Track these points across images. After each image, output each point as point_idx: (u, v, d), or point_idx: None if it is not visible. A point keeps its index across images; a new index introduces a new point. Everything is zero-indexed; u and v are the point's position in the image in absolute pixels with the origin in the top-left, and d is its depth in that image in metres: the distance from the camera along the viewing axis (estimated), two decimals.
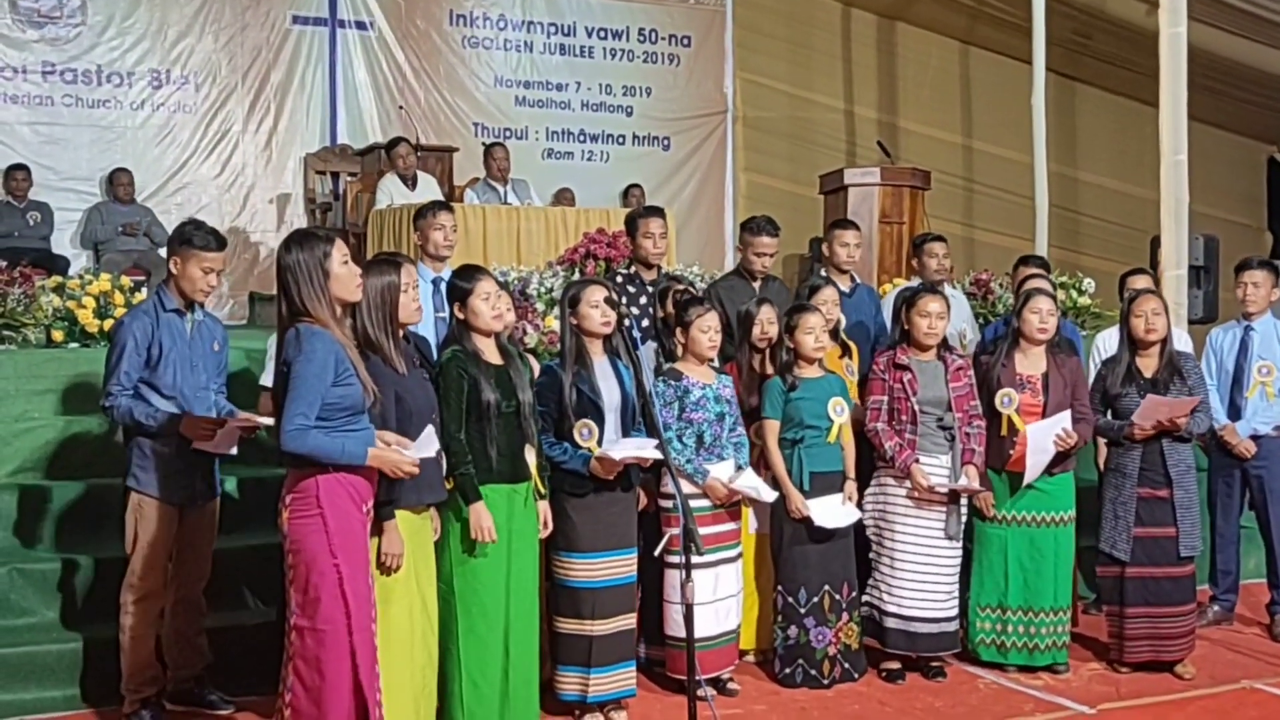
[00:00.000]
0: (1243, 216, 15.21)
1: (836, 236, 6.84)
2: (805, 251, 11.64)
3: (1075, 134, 13.78)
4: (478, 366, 4.69)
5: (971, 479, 5.62)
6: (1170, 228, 8.18)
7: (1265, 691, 5.61)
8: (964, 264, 10.41)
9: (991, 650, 5.79)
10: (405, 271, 4.47)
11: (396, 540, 4.30)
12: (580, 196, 11.18)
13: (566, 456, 5.00)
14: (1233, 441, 6.39)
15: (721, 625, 5.39)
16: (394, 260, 4.53)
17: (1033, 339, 5.77)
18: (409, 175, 9.43)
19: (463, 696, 4.69)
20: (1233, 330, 6.62)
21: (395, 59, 11.45)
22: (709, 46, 12.66)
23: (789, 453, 5.57)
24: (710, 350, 5.42)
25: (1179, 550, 5.71)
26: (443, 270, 6.03)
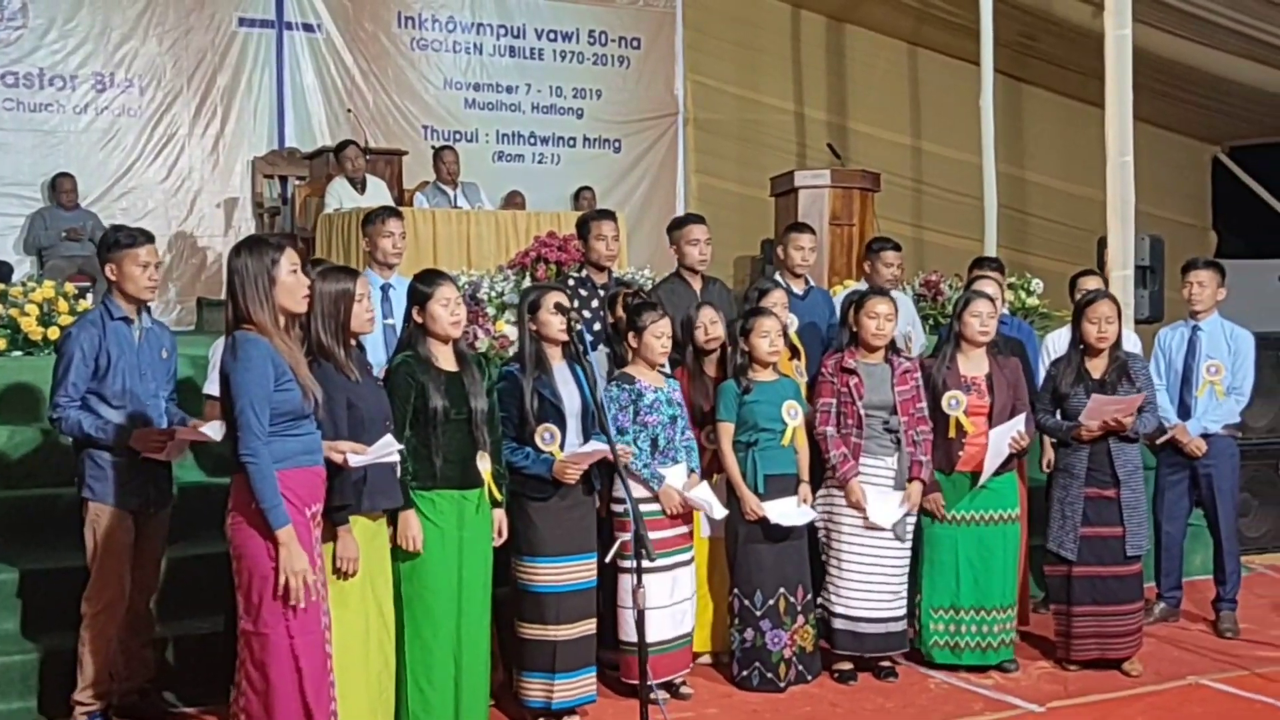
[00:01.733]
0: (1188, 216, 15.39)
1: (792, 240, 6.84)
2: (757, 253, 11.68)
3: (1023, 135, 13.88)
4: (428, 373, 4.68)
5: (913, 498, 5.68)
6: (1116, 228, 8.26)
7: (1210, 687, 5.67)
8: (914, 265, 10.46)
9: (945, 652, 5.82)
10: (360, 282, 4.48)
11: (351, 544, 4.30)
12: (531, 199, 11.15)
13: (529, 461, 4.99)
14: (1184, 441, 6.46)
15: (677, 629, 5.39)
16: (350, 269, 4.59)
17: (974, 341, 5.82)
18: (358, 179, 9.37)
19: (410, 703, 4.68)
20: (1180, 330, 6.69)
21: (343, 61, 11.37)
22: (659, 48, 12.67)
23: (743, 455, 5.58)
24: (662, 355, 5.42)
25: (1125, 550, 5.77)
26: (391, 277, 5.99)
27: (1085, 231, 11.05)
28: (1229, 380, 6.49)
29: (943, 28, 12.45)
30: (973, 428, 5.74)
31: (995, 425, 5.71)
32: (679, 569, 5.40)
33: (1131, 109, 8.19)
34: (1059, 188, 13.60)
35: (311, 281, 4.24)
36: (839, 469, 5.63)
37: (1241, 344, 6.54)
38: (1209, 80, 12.81)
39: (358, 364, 4.44)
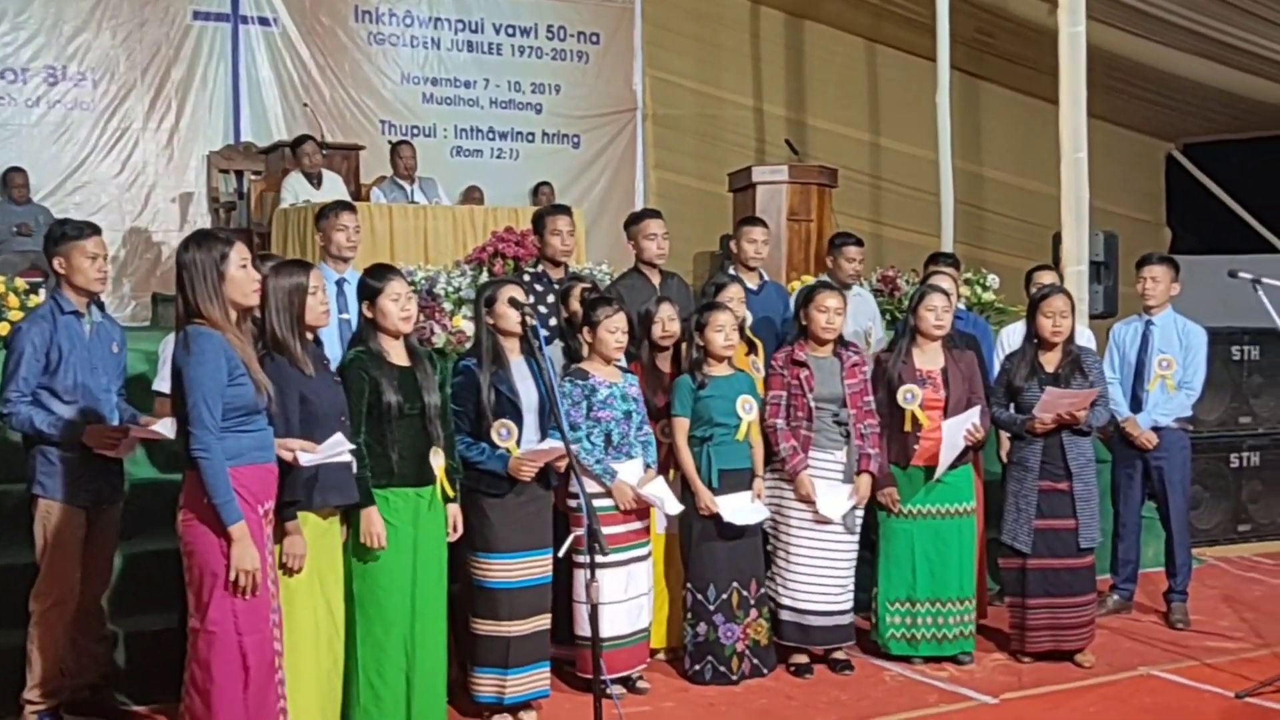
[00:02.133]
0: (1143, 213, 15.56)
1: (744, 234, 6.87)
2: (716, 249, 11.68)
3: (979, 131, 13.98)
4: (380, 368, 4.66)
5: (862, 490, 5.71)
6: (1071, 224, 8.34)
7: (1161, 678, 5.74)
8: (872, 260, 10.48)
9: (902, 644, 5.86)
10: (313, 275, 4.47)
11: (299, 542, 4.27)
12: (490, 194, 11.11)
13: (484, 457, 4.98)
14: (1135, 433, 6.53)
15: (633, 624, 5.39)
16: (304, 262, 4.58)
17: (929, 335, 5.85)
18: (314, 173, 9.31)
19: (361, 700, 4.65)
20: (1134, 325, 6.75)
21: (300, 56, 11.28)
22: (618, 44, 12.66)
23: (698, 450, 5.58)
24: (617, 351, 5.42)
25: (1079, 542, 5.82)
26: (346, 271, 5.96)
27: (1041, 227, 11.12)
28: (1180, 375, 6.55)
29: (900, 24, 12.51)
30: (928, 421, 5.77)
31: (950, 419, 5.75)
32: (635, 564, 5.40)
33: (1085, 106, 8.27)
34: (1015, 184, 13.71)
35: (264, 276, 4.23)
36: (789, 462, 5.65)
37: (1194, 339, 6.61)
38: (1163, 78, 12.95)
39: (313, 358, 4.42)
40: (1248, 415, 8.57)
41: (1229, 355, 8.49)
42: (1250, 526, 8.57)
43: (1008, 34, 12.19)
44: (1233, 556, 8.24)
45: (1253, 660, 5.91)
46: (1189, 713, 5.28)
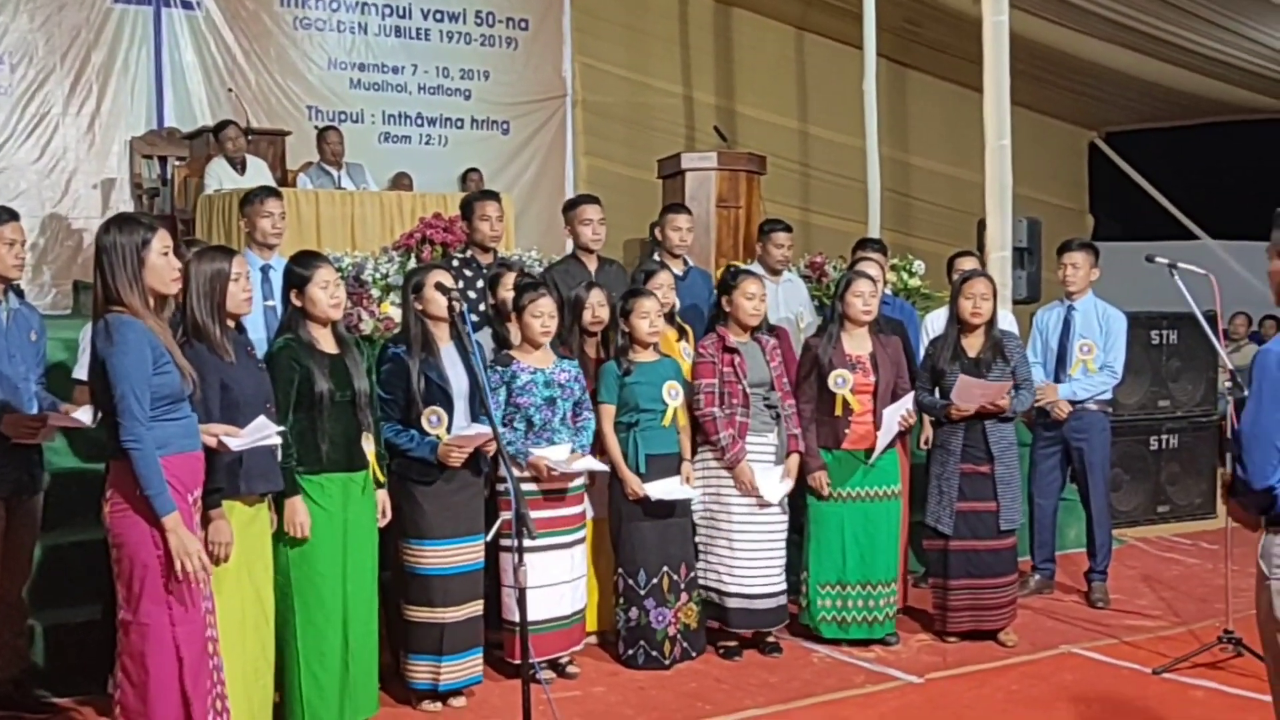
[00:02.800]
0: (1067, 200, 15.79)
1: (669, 221, 6.90)
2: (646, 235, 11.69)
3: (908, 119, 14.09)
4: (310, 356, 4.64)
5: (792, 470, 5.78)
6: (995, 211, 8.45)
7: (1081, 655, 5.86)
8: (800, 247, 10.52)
9: (833, 626, 5.92)
10: (236, 262, 4.43)
11: (224, 529, 4.23)
12: (418, 180, 11.03)
13: (414, 444, 4.98)
14: (1051, 399, 6.61)
15: (561, 609, 5.40)
16: (226, 249, 4.53)
17: (857, 320, 5.91)
18: (238, 159, 9.20)
19: (302, 688, 4.64)
20: (1056, 310, 6.87)
21: (224, 40, 11.12)
22: (547, 30, 12.61)
23: (624, 436, 5.61)
24: (543, 336, 5.41)
25: (999, 524, 5.92)
26: (271, 258, 5.90)
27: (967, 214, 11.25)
28: (1101, 358, 6.68)
29: (829, 13, 12.58)
30: (859, 405, 5.84)
31: (880, 402, 5.81)
32: (561, 550, 5.41)
33: (1009, 94, 8.37)
34: (942, 171, 13.84)
35: (186, 262, 4.18)
36: (729, 451, 5.68)
37: (1114, 323, 6.73)
38: (1085, 67, 13.14)
39: (235, 345, 4.37)
40: (1166, 399, 8.76)
41: (1148, 340, 8.67)
42: (1169, 508, 8.76)
43: (935, 23, 12.30)
44: (1152, 537, 8.43)
45: (1170, 638, 6.05)
46: (1108, 689, 5.39)
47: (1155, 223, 15.03)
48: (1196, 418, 8.81)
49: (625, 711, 5.14)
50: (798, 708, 5.17)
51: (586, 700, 5.27)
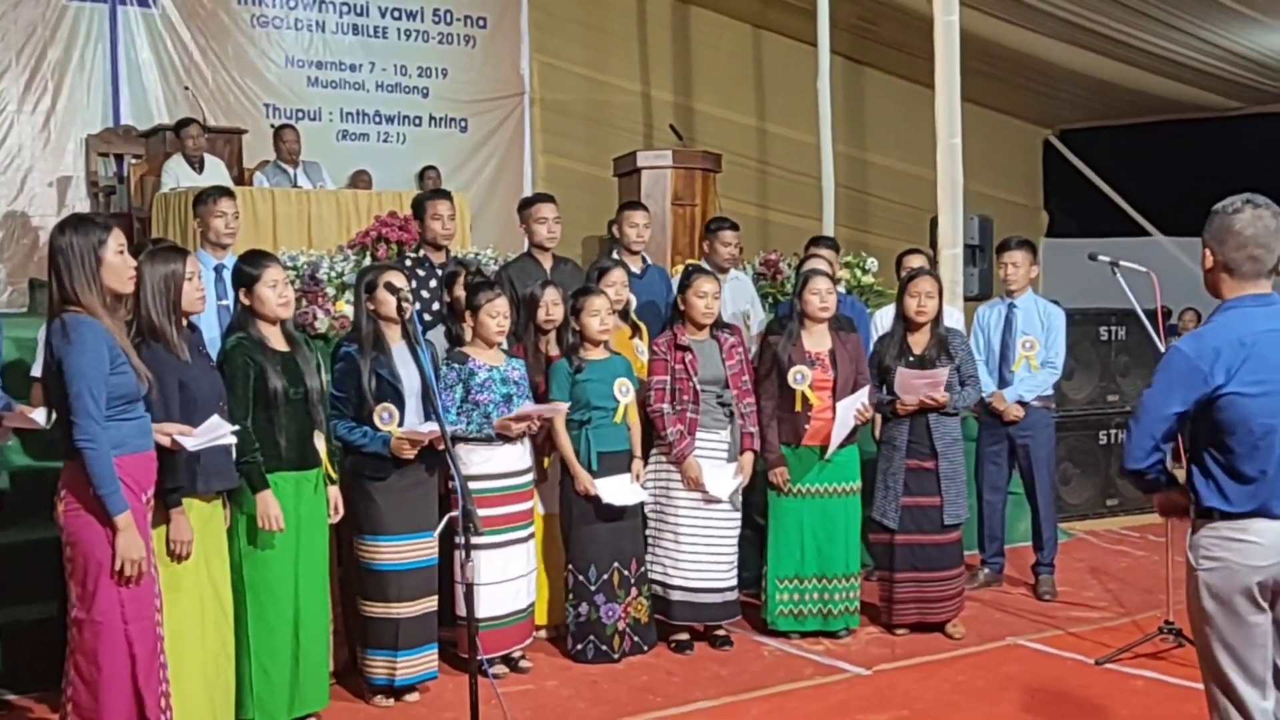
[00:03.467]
0: (1022, 197, 15.96)
1: (626, 218, 6.96)
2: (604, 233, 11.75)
3: (864, 116, 14.21)
4: (264, 353, 4.69)
5: (746, 468, 5.86)
6: (947, 208, 8.55)
7: (1027, 647, 5.97)
8: (757, 244, 10.66)
9: (789, 620, 6.00)
10: (189, 261, 4.45)
11: (185, 527, 4.27)
12: (376, 178, 11.05)
13: (367, 440, 5.03)
14: (1001, 407, 6.74)
15: (513, 604, 5.46)
16: (179, 248, 4.54)
17: (815, 317, 5.99)
18: (196, 158, 9.18)
19: (253, 684, 4.68)
20: (997, 307, 6.98)
21: (180, 38, 11.07)
22: (505, 28, 12.63)
23: (576, 433, 5.67)
24: (498, 335, 5.47)
25: (943, 519, 6.02)
26: (225, 257, 5.92)
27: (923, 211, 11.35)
28: (1043, 354, 6.79)
29: (785, 10, 12.66)
30: (818, 401, 5.92)
31: (839, 399, 5.89)
32: (513, 546, 5.47)
33: (959, 93, 8.47)
34: (898, 168, 13.95)
35: (139, 262, 4.20)
36: (676, 446, 5.75)
37: (1054, 320, 6.85)
38: (1039, 65, 13.28)
39: (188, 344, 4.40)
40: (1115, 393, 8.89)
41: (1097, 336, 8.80)
42: (1118, 501, 8.89)
43: (889, 21, 12.40)
44: (1100, 530, 8.56)
45: (1114, 629, 6.16)
46: (1051, 679, 5.49)
47: (1109, 219, 15.20)
48: None
49: (577, 705, 5.20)
50: (747, 699, 5.25)
51: (539, 694, 5.33)
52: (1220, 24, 11.35)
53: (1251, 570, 3.36)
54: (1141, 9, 11.10)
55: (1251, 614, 3.38)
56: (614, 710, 5.13)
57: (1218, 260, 3.43)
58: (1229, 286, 3.44)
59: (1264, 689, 3.39)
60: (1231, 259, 3.40)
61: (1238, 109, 14.21)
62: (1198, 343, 3.36)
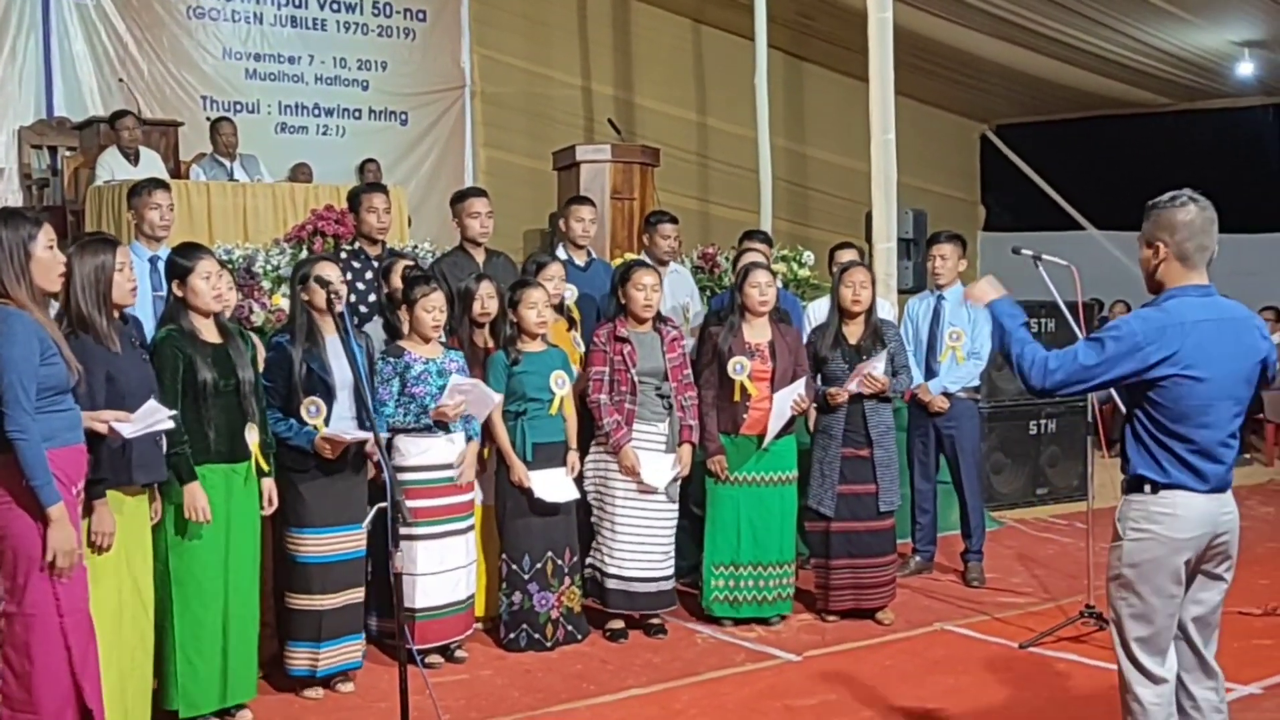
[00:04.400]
0: (959, 191, 16.16)
1: (572, 212, 7.02)
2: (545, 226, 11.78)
3: (803, 111, 14.32)
4: (194, 345, 4.69)
5: (684, 460, 5.94)
6: (881, 202, 8.67)
7: (954, 632, 6.10)
8: (698, 237, 10.73)
9: (725, 606, 6.09)
10: (120, 252, 4.43)
11: (108, 519, 4.25)
12: (316, 171, 10.99)
13: (292, 433, 5.04)
14: (927, 398, 6.87)
15: (451, 595, 5.50)
16: (109, 239, 4.51)
17: (755, 310, 6.08)
18: (132, 150, 9.11)
19: (179, 676, 4.69)
20: (926, 300, 7.11)
21: (115, 29, 10.93)
22: (445, 21, 12.58)
23: (512, 425, 5.72)
24: (434, 329, 5.50)
25: (879, 505, 6.13)
26: (160, 249, 5.90)
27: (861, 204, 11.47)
28: (969, 345, 6.92)
29: (724, 6, 12.73)
30: (756, 391, 6.01)
31: (777, 389, 5.98)
32: (451, 537, 5.51)
33: (893, 89, 8.58)
34: (836, 162, 14.06)
35: (69, 254, 4.20)
36: (612, 436, 5.82)
37: (980, 312, 6.94)
38: (974, 62, 13.45)
39: (120, 336, 4.39)
40: None
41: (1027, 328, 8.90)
42: (1048, 490, 9.08)
43: (826, 16, 12.50)
44: (1030, 519, 8.72)
45: (1038, 614, 6.31)
46: (976, 662, 5.62)
47: (1044, 213, 15.43)
48: (1074, 403, 9.09)
49: (512, 694, 5.25)
50: (680, 686, 5.33)
51: (474, 683, 5.38)
52: (1151, 23, 11.56)
53: (1178, 543, 3.54)
54: (1074, 7, 11.28)
55: (1170, 586, 3.56)
56: (547, 698, 5.18)
57: (1169, 251, 3.58)
58: (1178, 275, 3.60)
59: (1164, 658, 3.60)
60: (1184, 248, 3.57)
61: (1169, 106, 14.48)
62: (1146, 324, 3.51)
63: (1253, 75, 12.77)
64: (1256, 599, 6.37)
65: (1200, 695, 3.69)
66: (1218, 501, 3.59)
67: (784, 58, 13.33)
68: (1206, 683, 3.69)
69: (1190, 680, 3.68)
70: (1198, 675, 3.68)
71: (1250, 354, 3.60)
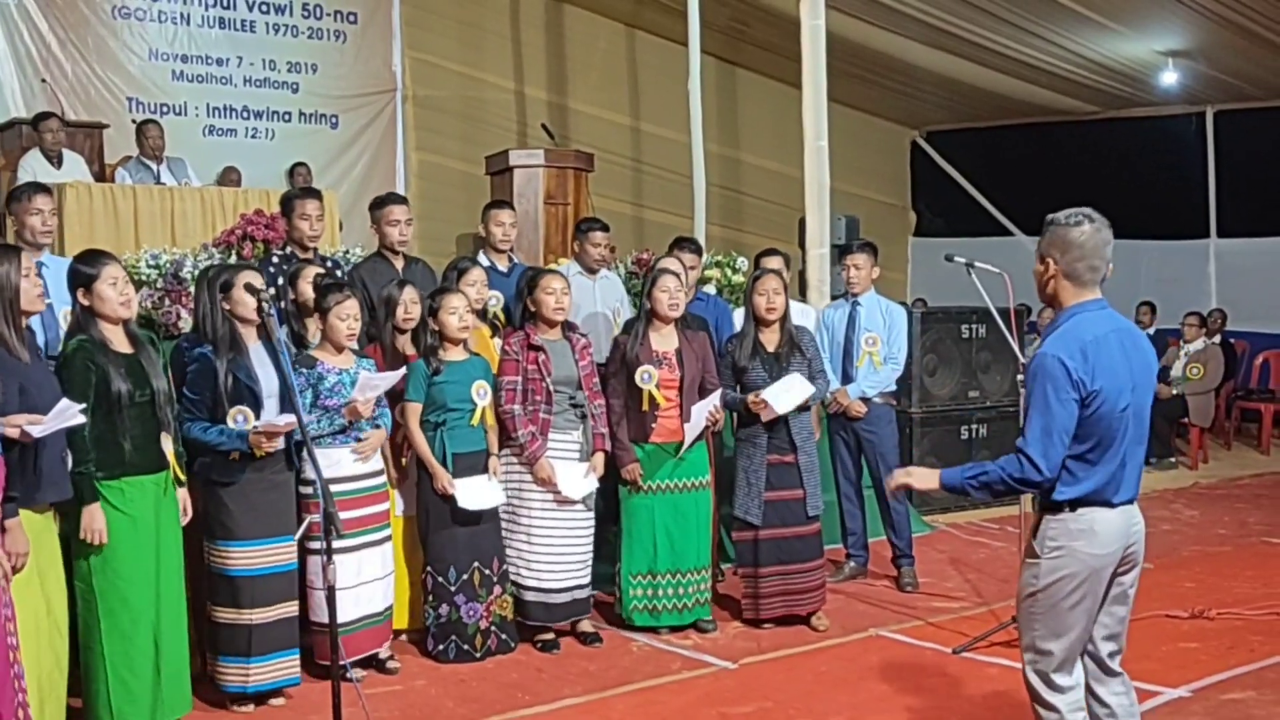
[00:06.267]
0: (890, 197, 16.29)
1: (492, 216, 6.98)
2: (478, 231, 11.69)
3: (737, 117, 14.35)
4: (106, 355, 4.57)
5: (598, 468, 5.92)
6: (814, 209, 8.74)
7: (888, 638, 6.13)
8: (632, 242, 10.72)
9: (645, 615, 6.07)
10: (24, 257, 4.30)
11: (21, 539, 4.12)
12: (245, 175, 10.83)
13: (224, 437, 4.95)
14: (844, 403, 6.91)
15: (365, 608, 5.43)
16: (10, 247, 4.39)
17: (664, 317, 6.06)
18: (54, 153, 8.92)
19: (110, 696, 4.59)
20: (842, 307, 7.17)
21: (38, 28, 10.68)
22: (376, 24, 12.44)
23: (431, 435, 5.64)
24: (349, 338, 5.41)
25: (806, 510, 6.15)
26: (42, 256, 5.72)
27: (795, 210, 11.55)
28: (885, 350, 6.99)
29: (659, 11, 12.73)
30: (664, 400, 6.00)
31: (685, 397, 5.98)
32: (366, 549, 5.43)
33: (826, 97, 8.65)
34: (770, 168, 14.10)
35: None
36: (527, 448, 5.77)
37: (896, 318, 7.08)
38: (905, 68, 13.56)
39: (29, 347, 4.28)
40: (976, 390, 9.16)
41: (959, 334, 9.05)
42: None
43: (759, 23, 12.55)
44: (962, 523, 8.79)
45: (972, 618, 6.36)
46: (910, 668, 5.65)
47: (974, 219, 15.60)
48: (1005, 407, 9.21)
49: (446, 704, 5.21)
50: (615, 695, 5.32)
51: (407, 694, 5.32)
52: (1079, 32, 11.72)
53: (1098, 558, 3.58)
54: (1004, 15, 11.41)
55: (1086, 602, 3.61)
56: (482, 709, 5.14)
57: (1060, 269, 3.61)
58: (1069, 293, 3.64)
59: (1071, 671, 3.67)
60: (1073, 268, 3.60)
61: (1095, 113, 14.70)
62: (1067, 349, 3.52)
63: (1176, 84, 12.99)
64: (1183, 602, 6.47)
65: (1114, 702, 3.77)
66: (1128, 514, 3.64)
67: (716, 63, 13.35)
68: (1116, 687, 3.77)
69: (1100, 688, 3.76)
70: (1104, 680, 3.76)
71: (1149, 365, 3.68)
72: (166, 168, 9.47)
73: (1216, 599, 6.57)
